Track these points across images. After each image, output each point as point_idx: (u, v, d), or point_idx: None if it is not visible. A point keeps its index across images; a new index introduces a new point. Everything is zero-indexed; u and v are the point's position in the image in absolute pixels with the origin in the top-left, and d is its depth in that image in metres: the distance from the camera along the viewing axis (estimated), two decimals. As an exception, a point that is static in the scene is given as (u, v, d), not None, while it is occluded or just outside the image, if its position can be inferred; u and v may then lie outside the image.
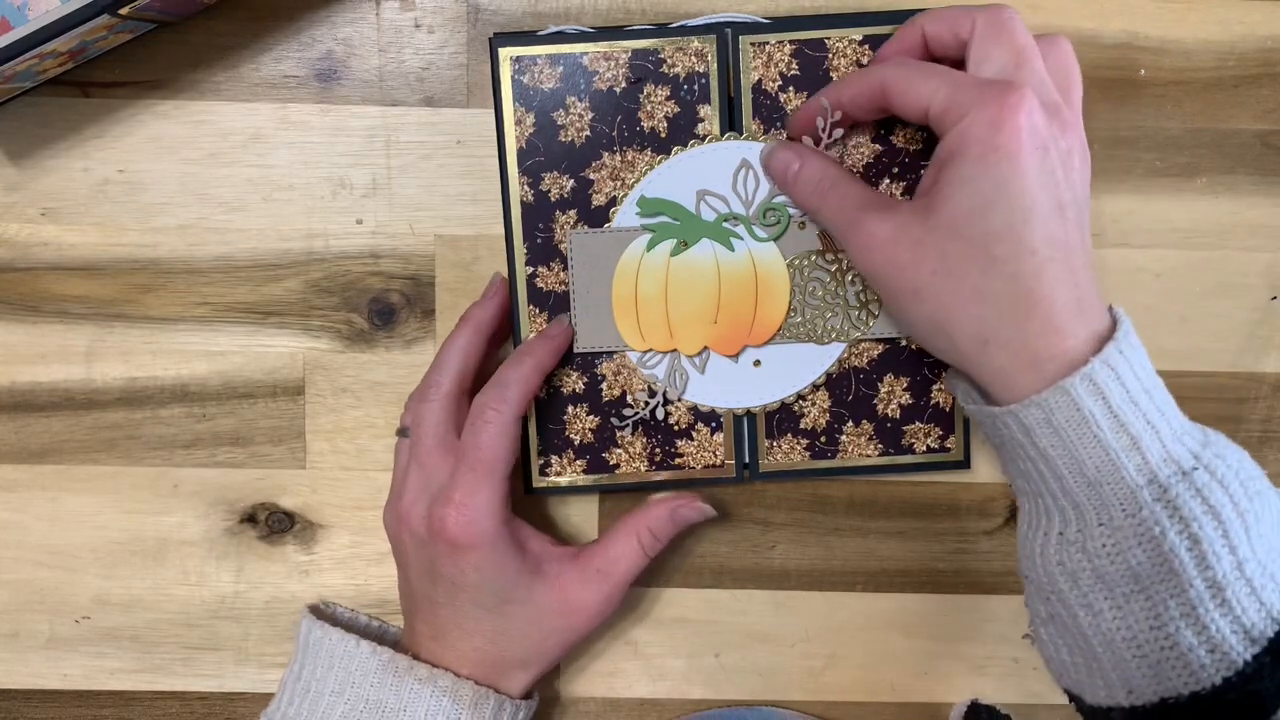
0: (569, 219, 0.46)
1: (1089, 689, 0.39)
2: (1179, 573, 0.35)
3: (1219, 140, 0.49)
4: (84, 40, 0.42)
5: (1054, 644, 0.40)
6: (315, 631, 0.44)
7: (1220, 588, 0.35)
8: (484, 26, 0.47)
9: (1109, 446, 0.36)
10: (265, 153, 0.48)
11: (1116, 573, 0.37)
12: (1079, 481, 0.37)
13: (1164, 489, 0.36)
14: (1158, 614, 0.36)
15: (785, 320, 0.46)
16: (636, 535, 0.45)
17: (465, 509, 0.41)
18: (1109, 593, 0.37)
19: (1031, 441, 0.38)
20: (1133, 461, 0.36)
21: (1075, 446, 0.37)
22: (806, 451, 0.48)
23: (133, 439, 0.49)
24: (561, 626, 0.44)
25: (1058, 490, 0.38)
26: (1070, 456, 0.37)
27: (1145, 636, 0.36)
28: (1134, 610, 0.37)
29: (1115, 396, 0.36)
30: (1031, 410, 0.37)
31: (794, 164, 0.43)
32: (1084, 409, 0.36)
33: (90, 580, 0.50)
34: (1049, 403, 0.37)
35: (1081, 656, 0.39)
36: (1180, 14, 0.48)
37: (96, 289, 0.48)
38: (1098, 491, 0.37)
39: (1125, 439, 0.36)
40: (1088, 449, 0.37)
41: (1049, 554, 0.39)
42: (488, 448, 0.42)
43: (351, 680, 0.42)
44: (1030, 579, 0.40)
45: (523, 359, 0.44)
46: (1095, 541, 0.37)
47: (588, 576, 0.44)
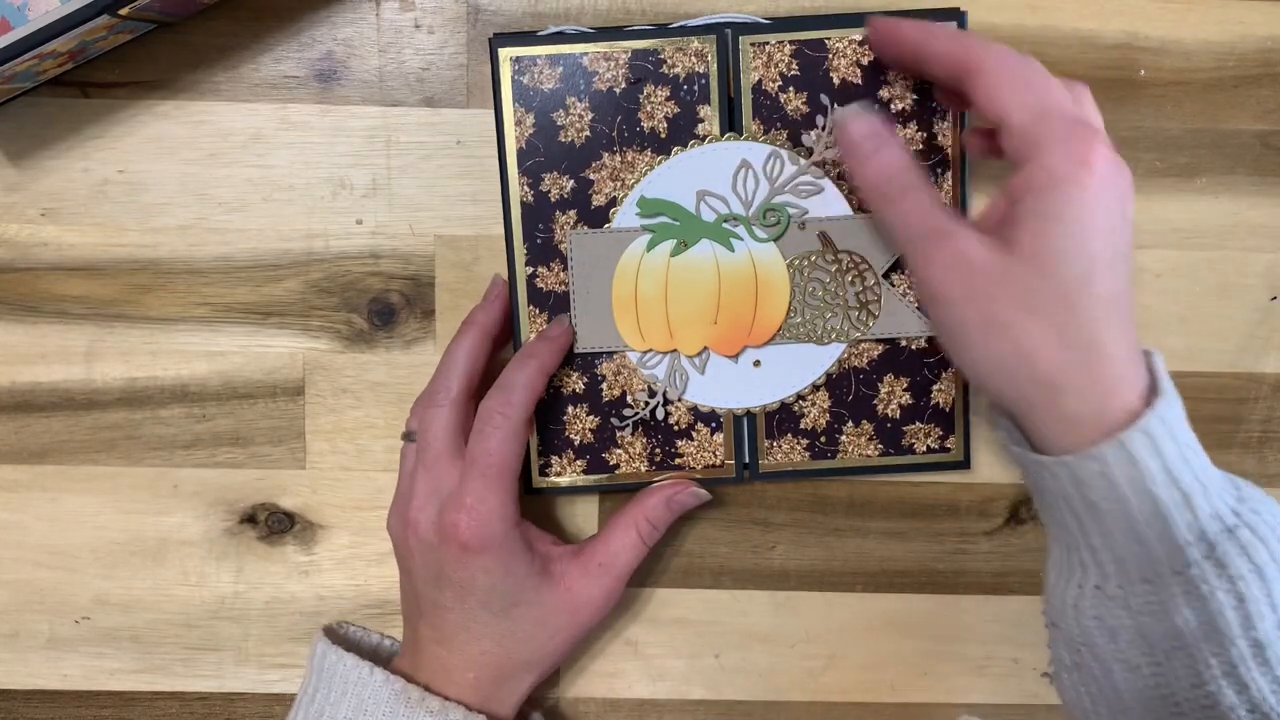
0: (569, 219, 0.46)
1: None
2: (1224, 631, 0.35)
3: (1219, 141, 0.49)
4: (84, 40, 0.42)
5: (1076, 691, 0.40)
6: (330, 656, 0.44)
7: (1262, 646, 0.35)
8: (484, 27, 0.47)
9: (1161, 502, 0.35)
10: (265, 153, 0.48)
11: (1160, 630, 0.36)
12: (1127, 537, 0.36)
13: (1211, 546, 0.35)
14: (1198, 673, 0.35)
15: (785, 320, 0.46)
16: (635, 526, 0.46)
17: (477, 513, 0.41)
18: (1149, 650, 0.36)
19: (1081, 494, 0.37)
20: (1184, 518, 0.36)
21: (1129, 502, 0.36)
22: (806, 452, 0.48)
23: (132, 439, 0.49)
24: (567, 623, 0.44)
25: (1099, 544, 0.37)
26: (1122, 511, 0.36)
27: (1185, 694, 0.36)
28: (1174, 668, 0.36)
29: (1169, 452, 0.35)
30: (1088, 463, 0.36)
31: (871, 142, 0.40)
32: (1141, 464, 0.35)
33: (90, 580, 0.50)
34: (1107, 456, 0.35)
35: (1107, 707, 0.38)
36: (1180, 14, 0.48)
37: (96, 289, 0.48)
38: (1146, 548, 0.36)
39: (1178, 494, 0.36)
40: (1141, 504, 0.36)
41: (1084, 607, 0.38)
42: (497, 453, 0.42)
43: (364, 709, 0.42)
44: (1059, 628, 0.39)
45: (526, 361, 0.44)
46: (1139, 598, 0.36)
47: (590, 572, 0.45)
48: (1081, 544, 0.38)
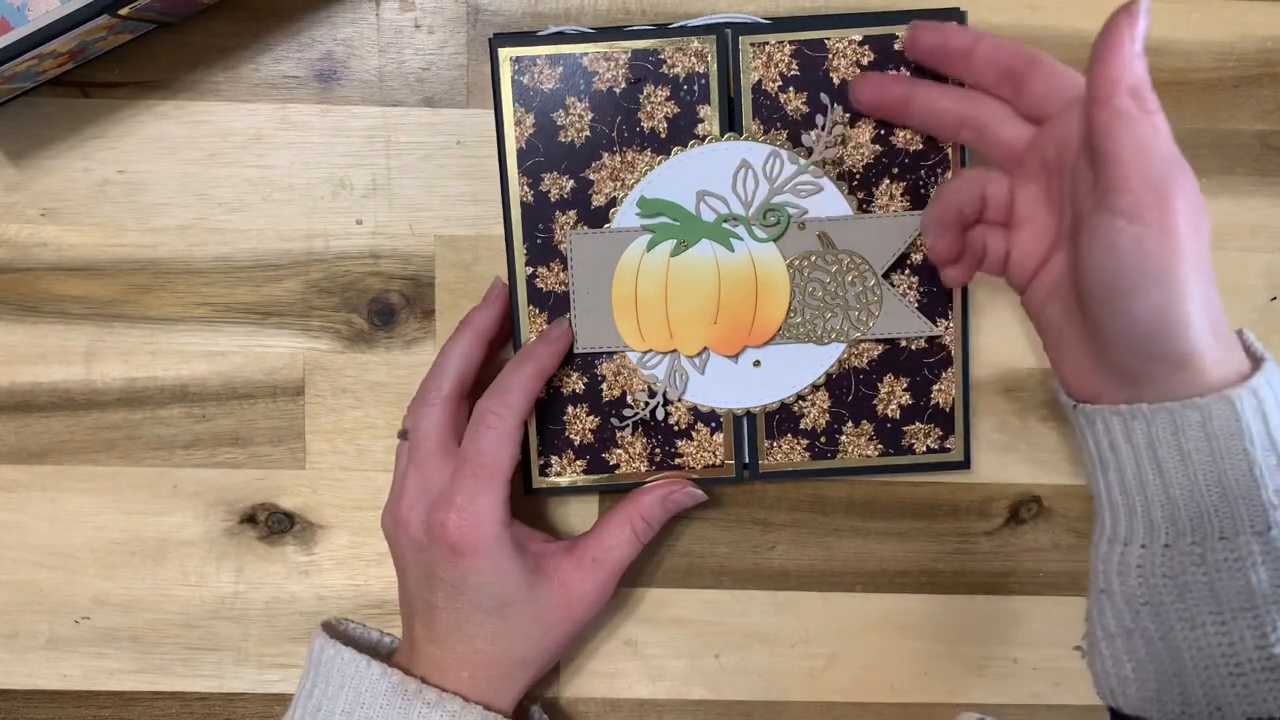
0: (569, 219, 0.46)
1: (1158, 707, 0.39)
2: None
3: (1219, 141, 0.49)
4: (84, 40, 0.42)
5: (1117, 659, 0.40)
6: (328, 650, 0.44)
7: None
8: (484, 27, 0.47)
9: (1255, 462, 0.36)
10: (265, 153, 0.48)
11: (1233, 588, 0.37)
12: (1213, 492, 0.37)
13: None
14: (1264, 633, 0.36)
15: (785, 321, 0.46)
16: (630, 523, 0.46)
17: (466, 514, 0.41)
18: (1217, 607, 0.37)
19: (1176, 443, 0.37)
20: (1274, 481, 0.36)
21: (1223, 456, 0.37)
22: (806, 452, 0.48)
23: (132, 439, 0.49)
24: (562, 619, 0.44)
25: (1180, 499, 0.38)
26: (1213, 465, 0.37)
27: (1247, 655, 0.36)
28: (1240, 627, 0.37)
29: (1272, 415, 0.37)
30: (1191, 413, 0.37)
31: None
32: (1244, 421, 0.36)
33: (90, 581, 0.50)
34: (1210, 408, 0.37)
35: (1155, 672, 0.39)
36: (1180, 14, 0.48)
37: (96, 289, 0.48)
38: (1231, 505, 0.37)
39: (1273, 458, 0.37)
40: (1234, 461, 0.37)
41: (1150, 566, 0.38)
42: (490, 453, 0.42)
43: (361, 701, 0.42)
44: (1111, 592, 0.40)
45: (524, 363, 0.44)
46: (1216, 554, 0.37)
47: (584, 567, 0.45)
48: (1155, 501, 0.38)
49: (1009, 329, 0.49)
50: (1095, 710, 0.52)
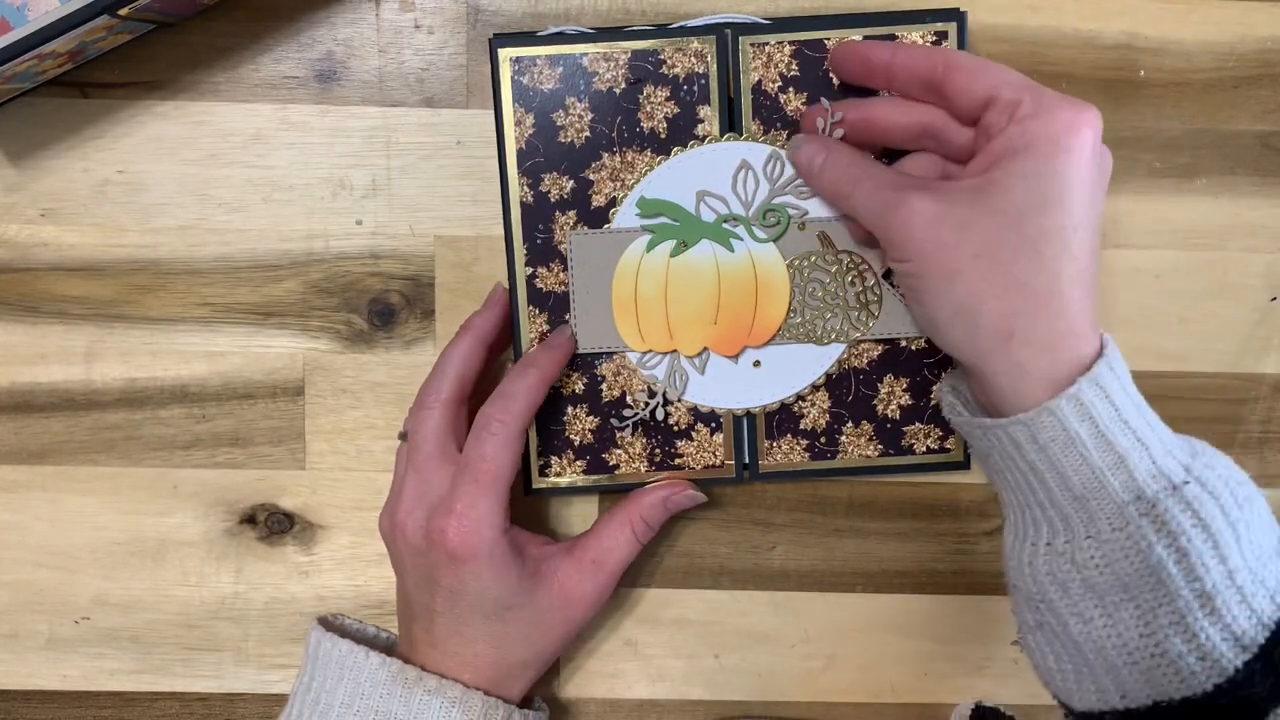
0: (569, 220, 0.46)
1: (1078, 694, 0.40)
2: (1166, 584, 0.36)
3: (1219, 141, 0.49)
4: (83, 41, 0.42)
5: (1041, 651, 0.41)
6: (325, 643, 0.44)
7: (1209, 597, 0.35)
8: (484, 27, 0.47)
9: (1094, 465, 0.37)
10: (265, 153, 0.48)
11: (1106, 583, 0.37)
12: (1066, 496, 0.38)
13: (1151, 504, 0.36)
14: (1147, 622, 0.36)
15: (785, 321, 0.46)
16: (630, 524, 0.46)
17: (466, 520, 0.41)
18: (1099, 601, 0.38)
19: (1020, 454, 0.38)
20: (1118, 479, 0.37)
21: (1061, 464, 0.37)
22: (806, 452, 0.48)
23: (132, 440, 0.49)
24: (561, 620, 0.44)
25: (1046, 502, 0.39)
26: (1056, 473, 0.38)
27: (1136, 644, 0.37)
28: (1124, 618, 0.37)
29: (1103, 416, 0.37)
30: (1017, 428, 0.38)
31: (819, 156, 0.43)
32: (1070, 429, 0.37)
33: (90, 581, 0.50)
34: (1035, 421, 0.37)
35: (1071, 663, 0.39)
36: (1180, 15, 0.48)
37: (96, 290, 0.48)
38: (1084, 506, 0.38)
39: (1112, 457, 0.37)
40: (1073, 466, 0.37)
41: (1038, 564, 0.39)
42: (492, 459, 0.42)
43: (361, 692, 0.42)
44: (1018, 588, 0.41)
45: (527, 370, 0.44)
46: (1084, 553, 0.37)
47: (583, 568, 0.45)
48: (1032, 502, 0.39)
49: (1009, 329, 0.49)
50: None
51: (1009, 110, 0.38)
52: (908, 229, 0.39)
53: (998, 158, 0.38)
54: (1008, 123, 0.38)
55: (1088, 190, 0.38)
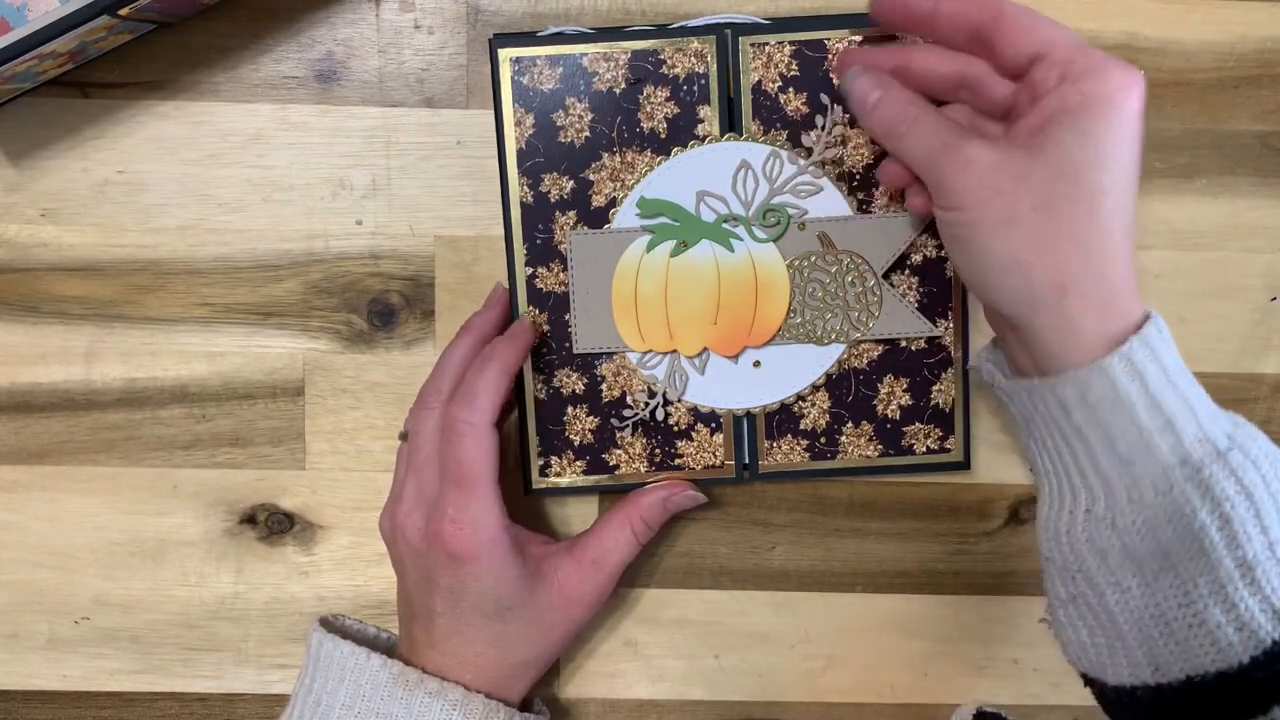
0: (568, 220, 0.46)
1: (1111, 669, 0.39)
2: (1208, 552, 0.36)
3: (1219, 141, 0.49)
4: (84, 41, 0.42)
5: (1073, 625, 0.40)
6: (326, 644, 0.44)
7: (1250, 567, 0.35)
8: (484, 27, 0.47)
9: (1143, 427, 0.37)
10: (265, 153, 0.48)
11: (1146, 550, 0.37)
12: (1110, 460, 0.37)
13: (1197, 469, 0.36)
14: (1186, 591, 0.36)
15: (785, 321, 0.46)
16: (630, 524, 0.46)
17: (460, 523, 0.41)
18: (1138, 570, 0.37)
19: (1066, 416, 0.38)
20: (1166, 442, 0.37)
21: (1109, 425, 0.37)
22: (806, 452, 0.48)
23: (132, 440, 0.49)
24: (562, 619, 0.44)
25: (1088, 467, 0.38)
26: (1103, 434, 0.37)
27: (1173, 614, 0.37)
28: (1163, 587, 0.37)
29: (1153, 377, 0.37)
30: (1066, 388, 0.37)
31: (874, 92, 0.42)
32: (1120, 389, 0.37)
33: (90, 581, 0.50)
34: (1085, 380, 0.37)
35: (1104, 636, 0.39)
36: (1180, 15, 0.48)
37: (96, 290, 0.48)
38: (1129, 469, 0.37)
39: (1160, 419, 0.37)
40: (1121, 428, 0.37)
41: (1076, 532, 0.39)
42: (468, 461, 0.41)
43: (362, 694, 0.42)
44: (1052, 560, 0.40)
45: (486, 364, 0.43)
46: (1125, 518, 0.37)
47: (583, 568, 0.45)
48: (1072, 468, 0.39)
49: (1009, 329, 0.49)
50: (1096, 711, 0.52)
51: (1061, 68, 0.38)
52: (965, 175, 0.39)
53: (1053, 114, 0.38)
54: (1059, 80, 0.38)
55: (1137, 150, 0.38)
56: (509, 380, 0.43)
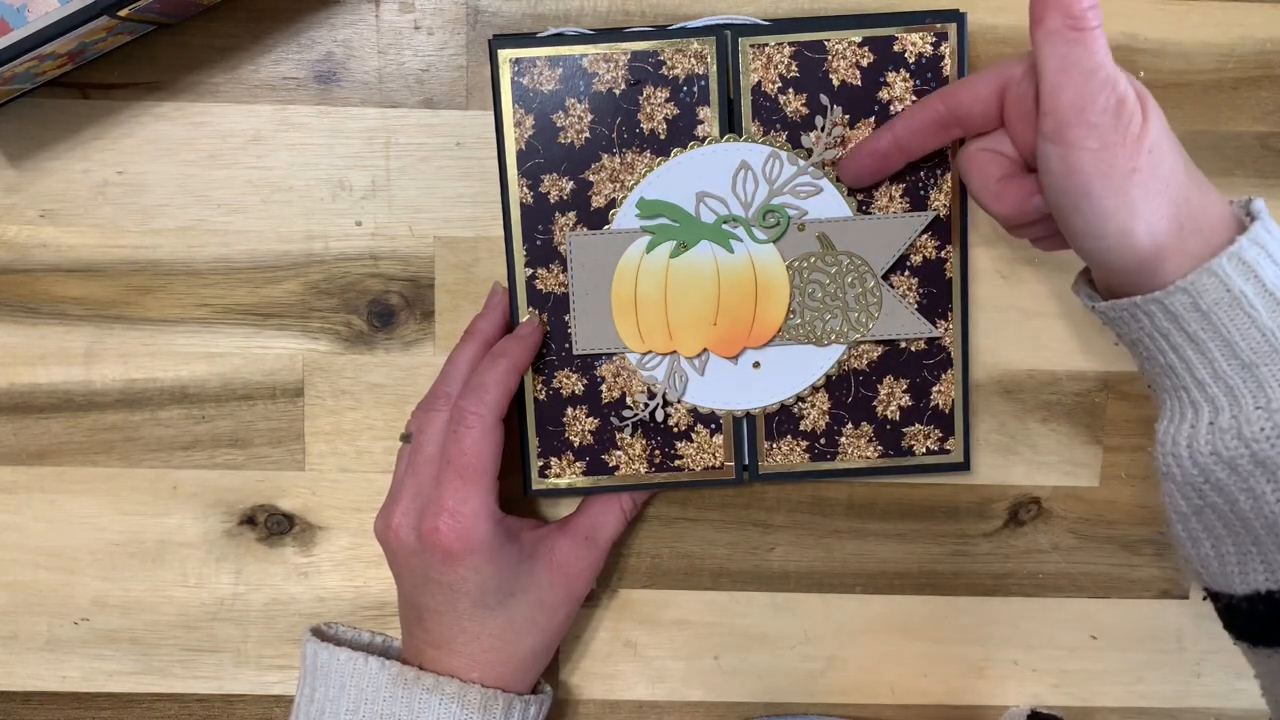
0: (568, 221, 0.46)
1: (1240, 576, 0.38)
2: None
3: (1218, 142, 0.49)
4: (83, 42, 0.42)
5: (1195, 539, 0.39)
6: (322, 654, 0.44)
7: None
8: (483, 28, 0.47)
9: (1263, 326, 0.36)
10: (264, 154, 0.48)
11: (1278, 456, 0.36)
12: (1233, 366, 0.37)
13: None
14: None
15: (785, 322, 0.46)
16: (618, 500, 0.47)
17: (459, 516, 0.41)
18: (1270, 476, 0.36)
19: (1178, 327, 0.37)
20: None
21: (1227, 329, 0.36)
22: (806, 453, 0.48)
23: (131, 441, 0.49)
24: (564, 598, 0.45)
25: (1207, 379, 0.38)
26: (1222, 340, 0.37)
27: None
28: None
29: (1268, 273, 0.36)
30: (1177, 297, 0.37)
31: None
32: (1234, 289, 0.36)
33: (89, 582, 0.50)
34: (1196, 285, 0.36)
35: (1234, 544, 0.38)
36: (1179, 16, 0.48)
37: (95, 291, 0.48)
38: (1253, 374, 0.36)
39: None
40: (1241, 330, 0.36)
41: (1199, 445, 0.38)
42: (473, 452, 0.42)
43: (364, 697, 0.42)
44: (1171, 476, 0.39)
45: (496, 360, 0.44)
46: (1253, 426, 0.36)
47: (578, 544, 0.46)
48: (1189, 382, 0.38)
49: (1009, 330, 0.49)
50: (1095, 711, 0.52)
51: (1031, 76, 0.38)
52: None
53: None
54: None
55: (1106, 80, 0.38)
56: (518, 378, 0.44)
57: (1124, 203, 0.37)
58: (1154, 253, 0.37)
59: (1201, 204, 0.38)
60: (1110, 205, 0.37)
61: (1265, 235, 0.36)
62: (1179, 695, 0.52)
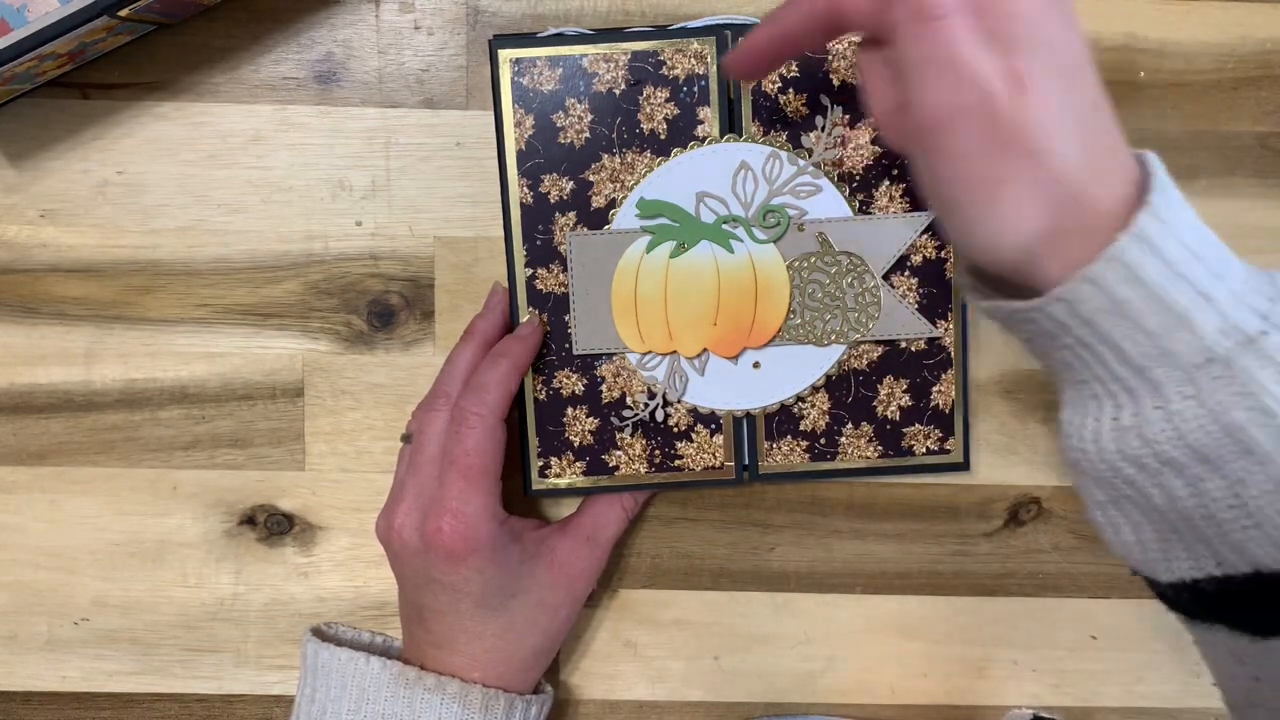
0: (568, 221, 0.46)
1: (1164, 565, 0.36)
2: (1254, 450, 0.32)
3: (1219, 142, 0.49)
4: (83, 42, 0.42)
5: (1115, 526, 0.37)
6: (323, 653, 0.44)
7: None
8: (483, 28, 0.47)
9: (1151, 331, 0.33)
10: (264, 154, 0.48)
11: (1183, 457, 0.33)
12: (1125, 369, 0.34)
13: (1225, 364, 0.32)
14: (1237, 494, 0.32)
15: (785, 322, 0.46)
16: (619, 500, 0.47)
17: (462, 517, 0.41)
18: (1179, 474, 0.33)
19: (1065, 332, 0.34)
20: (1183, 342, 0.32)
21: (1112, 336, 0.33)
22: (806, 453, 0.48)
23: (131, 441, 0.49)
24: (566, 598, 0.45)
25: (1104, 375, 0.34)
26: (1110, 345, 0.34)
27: (1225, 515, 0.33)
28: (1210, 490, 0.33)
29: (1153, 275, 0.32)
30: (1056, 307, 0.34)
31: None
32: (1116, 296, 0.33)
33: (89, 582, 0.50)
34: (1074, 294, 0.33)
35: (1155, 532, 0.36)
36: (1180, 16, 0.48)
37: (95, 291, 0.48)
38: (1146, 376, 0.33)
39: (1170, 319, 0.32)
40: (1127, 336, 0.33)
41: (1104, 442, 0.35)
42: (476, 452, 0.42)
43: (366, 697, 0.42)
44: (1081, 468, 0.37)
45: (498, 360, 0.44)
46: (1153, 427, 0.33)
47: (580, 544, 0.46)
48: (1089, 376, 0.35)
49: (1008, 330, 0.49)
50: (1095, 711, 0.52)
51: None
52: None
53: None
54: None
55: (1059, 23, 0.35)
56: (519, 378, 0.44)
57: (991, 214, 0.33)
58: (1026, 261, 0.34)
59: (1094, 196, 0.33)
60: (975, 215, 0.34)
61: (1152, 227, 0.32)
62: (1179, 695, 0.52)
